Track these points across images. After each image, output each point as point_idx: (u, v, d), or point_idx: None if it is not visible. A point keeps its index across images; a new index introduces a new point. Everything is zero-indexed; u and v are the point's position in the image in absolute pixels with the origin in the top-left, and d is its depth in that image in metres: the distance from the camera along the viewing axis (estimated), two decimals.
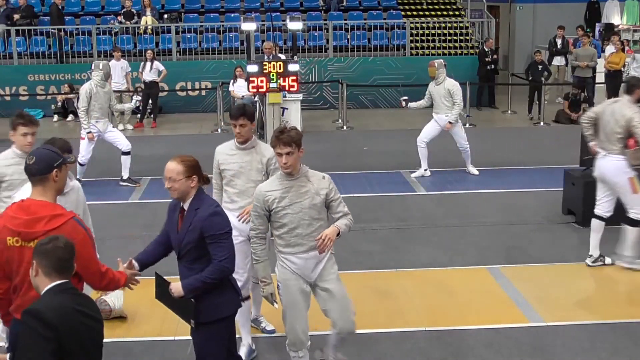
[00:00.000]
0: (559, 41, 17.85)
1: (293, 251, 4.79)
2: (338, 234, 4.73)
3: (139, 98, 11.69)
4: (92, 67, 10.75)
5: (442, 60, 11.06)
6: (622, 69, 16.79)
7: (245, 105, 5.63)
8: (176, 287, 4.30)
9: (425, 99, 11.11)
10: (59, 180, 3.93)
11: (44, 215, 3.80)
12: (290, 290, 4.86)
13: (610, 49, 17.32)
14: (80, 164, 10.57)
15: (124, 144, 10.69)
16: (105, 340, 6.00)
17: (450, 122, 10.74)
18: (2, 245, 3.81)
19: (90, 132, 10.46)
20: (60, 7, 17.85)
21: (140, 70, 15.77)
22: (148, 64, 15.72)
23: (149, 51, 16.02)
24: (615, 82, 16.46)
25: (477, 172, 11.06)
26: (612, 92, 16.58)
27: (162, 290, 4.40)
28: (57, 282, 3.38)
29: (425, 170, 11.03)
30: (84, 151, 10.55)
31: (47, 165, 3.89)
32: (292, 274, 4.85)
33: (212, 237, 4.25)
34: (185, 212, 4.39)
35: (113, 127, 11.32)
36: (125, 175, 10.76)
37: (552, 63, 17.79)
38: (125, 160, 10.73)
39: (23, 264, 3.77)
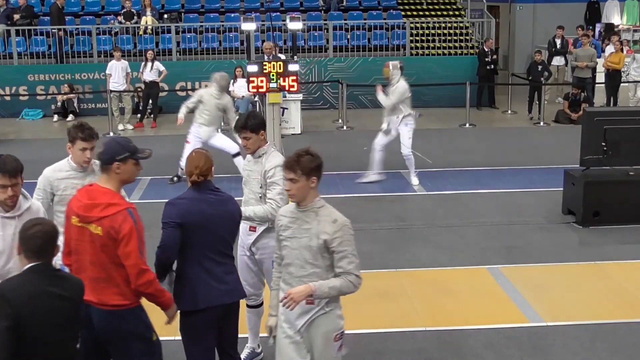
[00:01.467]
0: (558, 41, 17.85)
1: (284, 288, 4.21)
2: (311, 295, 4.03)
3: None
4: (213, 78, 10.72)
5: (397, 62, 11.12)
6: (622, 69, 16.79)
7: (249, 115, 5.32)
8: None
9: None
10: (122, 172, 4.18)
11: (101, 202, 4.07)
12: (279, 334, 4.33)
13: (610, 49, 17.33)
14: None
15: (229, 147, 10.87)
16: None
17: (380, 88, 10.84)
18: (68, 222, 4.19)
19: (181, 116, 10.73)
20: (60, 7, 17.83)
21: (140, 70, 15.77)
22: (149, 64, 15.72)
23: (150, 51, 16.02)
24: (614, 82, 16.48)
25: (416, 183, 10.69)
26: (612, 92, 16.60)
27: None
28: (33, 264, 3.59)
29: (375, 174, 10.80)
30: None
31: (109, 157, 4.15)
32: (282, 314, 4.29)
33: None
34: None
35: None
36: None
37: (552, 63, 17.78)
38: (238, 161, 10.68)
39: (80, 243, 4.10)
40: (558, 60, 17.85)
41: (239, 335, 4.78)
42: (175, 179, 11.02)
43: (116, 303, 4.07)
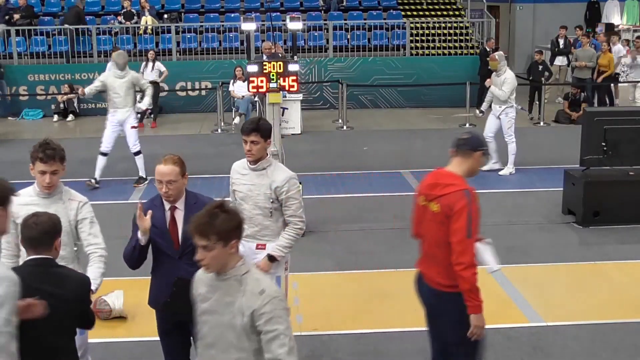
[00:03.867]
0: (561, 41, 17.85)
1: None
2: None
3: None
4: (112, 57, 10.88)
5: (501, 52, 11.40)
6: (622, 70, 16.78)
7: (260, 119, 5.05)
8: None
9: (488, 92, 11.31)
10: (474, 164, 4.41)
11: (441, 182, 4.34)
12: None
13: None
14: (101, 153, 10.63)
15: (134, 145, 10.76)
16: (105, 340, 6.03)
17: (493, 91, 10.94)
18: (416, 203, 4.54)
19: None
20: (81, 10, 18.00)
21: (141, 70, 15.77)
22: (150, 64, 15.72)
23: (151, 52, 16.02)
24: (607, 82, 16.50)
25: (509, 172, 11.12)
26: (604, 92, 16.61)
27: (181, 292, 3.96)
28: (29, 257, 3.66)
29: (495, 163, 11.15)
30: (104, 138, 10.65)
31: (474, 146, 4.38)
32: None
33: None
34: (176, 210, 4.29)
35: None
36: (143, 174, 10.84)
37: (554, 63, 17.79)
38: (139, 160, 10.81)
39: (423, 222, 4.45)
40: (560, 60, 17.86)
41: None
42: (93, 181, 10.70)
43: (438, 281, 4.34)
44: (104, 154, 10.65)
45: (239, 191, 5.16)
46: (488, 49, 17.18)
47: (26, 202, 4.33)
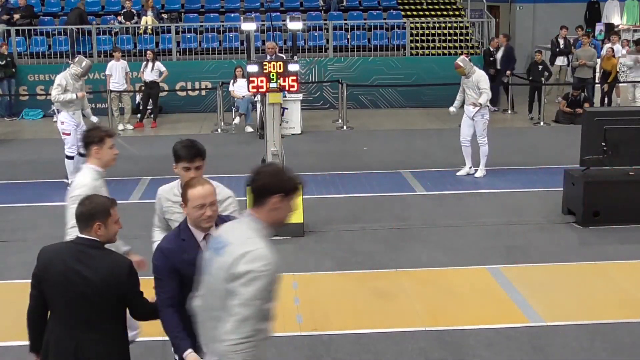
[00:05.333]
0: (561, 41, 17.85)
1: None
2: None
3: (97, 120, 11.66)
4: (75, 60, 10.69)
5: (463, 56, 11.21)
6: (622, 70, 16.80)
7: (195, 141, 4.52)
8: None
9: (459, 93, 11.14)
10: None
11: None
12: None
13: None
14: (68, 157, 10.51)
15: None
16: None
17: (477, 104, 10.69)
18: None
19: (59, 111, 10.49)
20: (82, 11, 18.02)
21: (141, 70, 15.78)
22: (149, 64, 15.73)
23: (150, 52, 16.02)
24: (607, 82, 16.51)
25: (479, 175, 10.95)
26: (606, 93, 16.63)
27: None
28: (77, 234, 3.81)
29: (470, 168, 11.04)
30: (71, 144, 10.48)
31: None
32: None
33: None
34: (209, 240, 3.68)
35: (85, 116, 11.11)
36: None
37: (555, 63, 17.79)
38: (69, 165, 10.58)
39: None
40: (561, 61, 17.86)
41: None
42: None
43: None
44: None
45: (173, 220, 4.52)
46: (492, 49, 17.21)
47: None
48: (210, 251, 3.41)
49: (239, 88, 15.00)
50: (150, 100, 16.14)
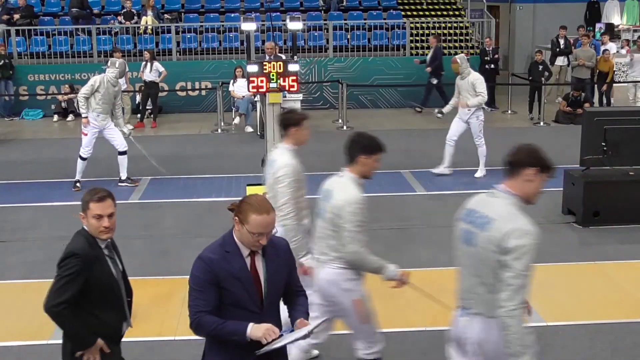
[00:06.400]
0: (561, 41, 17.85)
1: None
2: None
3: (132, 129, 11.78)
4: (109, 64, 10.69)
5: (463, 55, 11.16)
6: (622, 70, 16.80)
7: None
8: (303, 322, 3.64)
9: (455, 95, 11.12)
10: None
11: None
12: None
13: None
14: (82, 158, 10.53)
15: (120, 143, 10.64)
16: None
17: (469, 104, 10.67)
18: None
19: (86, 116, 10.36)
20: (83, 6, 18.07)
21: (141, 70, 15.78)
22: (148, 64, 15.73)
23: (147, 52, 16.01)
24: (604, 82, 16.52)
25: (479, 175, 10.97)
26: (604, 93, 16.62)
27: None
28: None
29: (446, 168, 11.02)
30: (86, 144, 10.49)
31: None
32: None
33: (294, 264, 3.81)
34: (256, 255, 3.60)
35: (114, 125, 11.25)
36: (124, 175, 10.74)
37: (555, 63, 17.79)
38: (122, 161, 10.70)
39: None
40: (561, 61, 17.86)
41: None
42: (79, 184, 10.64)
43: None
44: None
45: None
46: (487, 48, 17.21)
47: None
48: (471, 225, 3.81)
49: (239, 88, 15.00)
50: (150, 100, 16.15)
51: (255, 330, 3.42)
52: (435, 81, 16.39)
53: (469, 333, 3.86)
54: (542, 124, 15.58)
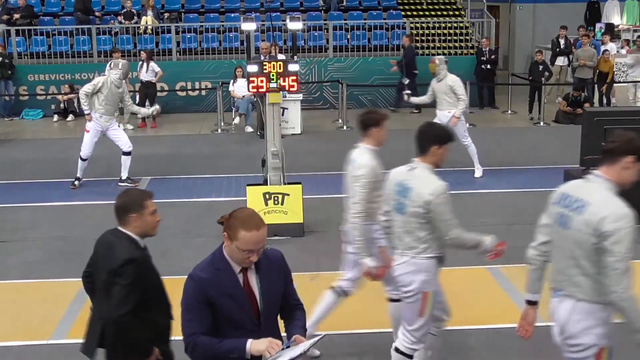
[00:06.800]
0: (561, 41, 17.86)
1: None
2: None
3: (158, 108, 11.88)
4: (112, 65, 10.70)
5: (443, 57, 11.06)
6: (622, 70, 16.79)
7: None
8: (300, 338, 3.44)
9: (427, 94, 11.05)
10: None
11: None
12: None
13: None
14: (82, 159, 10.54)
15: (125, 143, 10.67)
16: None
17: (456, 117, 10.64)
18: None
19: (89, 113, 10.38)
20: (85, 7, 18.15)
21: (138, 69, 15.76)
22: (144, 64, 15.70)
23: (144, 52, 15.99)
24: (604, 83, 16.53)
25: (478, 175, 10.98)
26: (604, 93, 16.63)
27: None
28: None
29: None
30: (87, 145, 10.50)
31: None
32: None
33: (290, 276, 3.67)
34: (249, 271, 3.47)
35: (117, 125, 11.27)
36: (124, 175, 10.75)
37: (555, 63, 17.79)
38: (126, 161, 10.71)
39: None
40: (562, 61, 17.87)
41: None
42: (77, 182, 10.71)
43: None
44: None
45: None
46: (484, 49, 17.21)
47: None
48: (566, 209, 3.93)
49: (239, 88, 15.00)
50: (147, 100, 16.13)
51: (256, 344, 3.30)
52: (406, 81, 16.37)
53: (556, 314, 3.98)
54: (542, 124, 15.58)
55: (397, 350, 4.92)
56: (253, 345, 3.30)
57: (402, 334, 4.90)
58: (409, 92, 11.31)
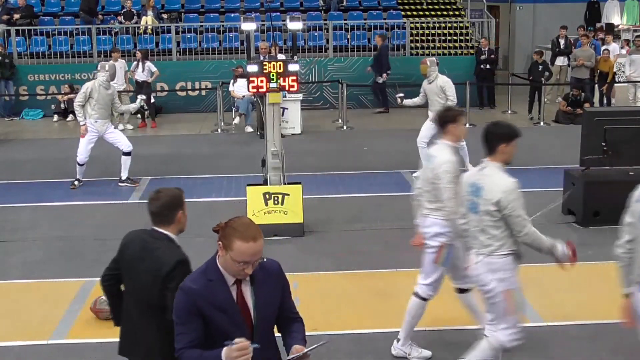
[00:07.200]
0: (561, 41, 17.85)
1: None
2: None
3: (144, 97, 11.85)
4: (98, 68, 10.72)
5: (434, 58, 11.07)
6: (621, 70, 16.80)
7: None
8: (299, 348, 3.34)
9: (420, 96, 11.08)
10: None
11: None
12: None
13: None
14: (79, 164, 10.58)
15: (125, 144, 10.68)
16: (105, 340, 6.03)
17: None
18: None
19: (84, 124, 10.41)
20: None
21: (132, 69, 15.73)
22: (140, 64, 15.66)
23: (139, 52, 15.97)
24: (604, 82, 16.52)
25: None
26: (605, 93, 16.64)
27: None
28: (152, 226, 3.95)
29: None
30: (83, 150, 10.54)
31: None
32: None
33: (288, 288, 3.51)
34: (243, 283, 3.32)
35: (114, 128, 11.28)
36: (124, 175, 10.75)
37: (555, 63, 17.78)
38: (126, 161, 10.72)
39: None
40: (561, 61, 17.86)
41: None
42: (77, 182, 10.74)
43: None
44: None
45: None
46: (483, 48, 17.21)
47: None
48: None
49: (239, 88, 15.00)
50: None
51: (229, 352, 3.11)
52: (380, 80, 16.39)
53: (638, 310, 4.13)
54: (542, 124, 15.58)
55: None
56: (226, 354, 3.13)
57: (500, 331, 4.93)
58: (402, 94, 11.30)
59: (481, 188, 4.73)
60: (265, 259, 3.35)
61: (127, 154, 10.69)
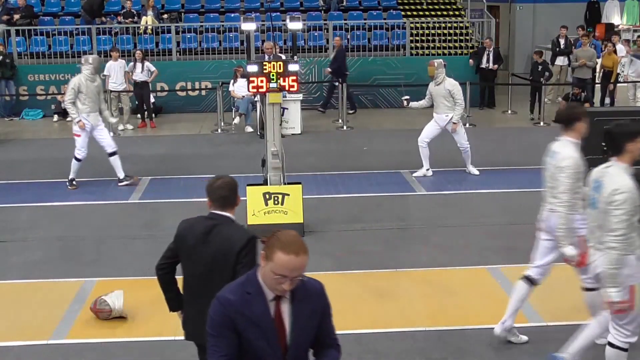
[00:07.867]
0: (562, 41, 17.85)
1: None
2: None
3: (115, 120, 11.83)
4: (82, 61, 10.79)
5: (441, 60, 11.05)
6: (621, 70, 16.79)
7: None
8: None
9: (426, 99, 11.10)
10: None
11: None
12: None
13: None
14: (77, 159, 10.52)
15: (108, 144, 10.63)
16: (105, 340, 6.03)
17: (454, 123, 10.72)
18: None
19: (80, 120, 10.38)
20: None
21: (129, 69, 15.71)
22: (139, 64, 15.63)
23: (139, 52, 15.96)
24: (608, 82, 16.49)
25: (477, 172, 11.04)
26: (605, 92, 16.64)
27: None
28: (210, 211, 4.09)
29: (427, 170, 11.02)
30: (84, 144, 10.49)
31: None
32: None
33: (329, 311, 3.31)
34: (282, 300, 3.16)
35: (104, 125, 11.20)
36: (121, 175, 10.74)
37: (555, 63, 17.78)
38: (115, 161, 10.67)
39: None
40: (562, 61, 17.86)
41: None
42: (75, 182, 10.70)
43: None
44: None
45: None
46: (488, 49, 17.20)
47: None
48: None
49: (239, 88, 15.00)
50: (143, 100, 16.06)
51: None
52: (337, 83, 16.31)
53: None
54: (542, 124, 15.58)
55: (611, 345, 4.99)
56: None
57: (614, 329, 4.95)
58: (407, 97, 11.31)
59: (602, 185, 4.85)
60: (308, 278, 3.19)
61: (113, 154, 10.66)
